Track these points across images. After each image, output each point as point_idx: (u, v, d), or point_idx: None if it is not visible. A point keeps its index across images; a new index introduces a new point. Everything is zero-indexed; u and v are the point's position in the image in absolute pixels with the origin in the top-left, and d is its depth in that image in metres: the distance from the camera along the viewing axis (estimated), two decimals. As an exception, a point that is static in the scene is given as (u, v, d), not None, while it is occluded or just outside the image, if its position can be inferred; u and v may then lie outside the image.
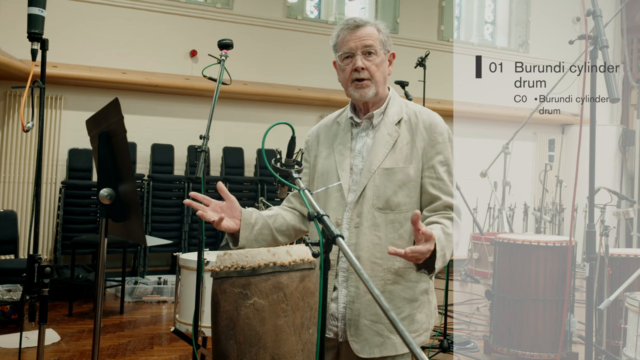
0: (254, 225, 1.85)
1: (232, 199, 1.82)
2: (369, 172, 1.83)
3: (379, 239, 1.80)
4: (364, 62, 1.84)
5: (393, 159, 1.83)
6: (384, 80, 1.90)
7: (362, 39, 1.85)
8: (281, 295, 1.63)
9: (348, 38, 1.86)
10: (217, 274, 1.68)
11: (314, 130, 2.07)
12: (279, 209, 2.02)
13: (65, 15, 6.95)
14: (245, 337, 1.61)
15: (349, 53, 1.86)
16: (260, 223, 1.87)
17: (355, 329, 1.79)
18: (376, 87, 1.86)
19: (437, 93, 8.13)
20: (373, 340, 1.78)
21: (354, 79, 1.85)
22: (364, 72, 1.84)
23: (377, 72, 1.86)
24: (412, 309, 1.84)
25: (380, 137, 1.87)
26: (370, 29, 1.87)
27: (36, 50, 2.36)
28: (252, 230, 1.84)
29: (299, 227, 1.99)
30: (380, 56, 1.86)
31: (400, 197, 1.82)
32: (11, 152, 6.74)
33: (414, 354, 1.09)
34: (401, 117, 1.88)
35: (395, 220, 1.81)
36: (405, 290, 1.82)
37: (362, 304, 1.79)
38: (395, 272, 1.81)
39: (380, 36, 1.88)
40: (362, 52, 1.84)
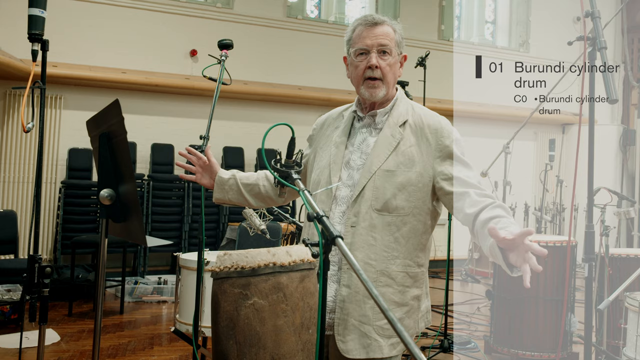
0: (227, 192, 2.12)
1: (213, 162, 2.14)
2: (369, 172, 1.82)
3: (375, 241, 1.79)
4: (379, 61, 1.83)
5: (395, 161, 1.82)
6: (394, 82, 1.89)
7: (378, 37, 1.84)
8: (281, 295, 1.63)
9: (365, 34, 1.85)
10: (217, 274, 1.68)
11: (322, 119, 2.08)
12: (260, 178, 2.14)
13: (66, 15, 6.95)
14: (245, 337, 1.61)
15: (364, 50, 1.85)
16: (234, 190, 2.12)
17: (343, 328, 1.79)
18: (387, 88, 1.86)
19: (438, 93, 8.12)
20: (360, 341, 1.78)
21: (367, 77, 1.85)
22: (377, 71, 1.83)
23: (389, 73, 1.85)
24: (402, 313, 1.83)
25: (383, 137, 1.85)
26: (387, 28, 1.86)
27: (37, 51, 2.36)
28: (224, 194, 2.13)
29: (274, 199, 2.12)
30: (394, 57, 1.86)
31: (399, 200, 1.80)
32: (11, 152, 6.75)
33: (413, 354, 1.09)
34: (406, 120, 1.87)
35: (392, 223, 1.80)
36: (396, 294, 1.81)
37: (353, 304, 1.78)
38: (387, 275, 1.80)
39: (395, 37, 1.87)
40: (378, 50, 1.83)
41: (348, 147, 1.91)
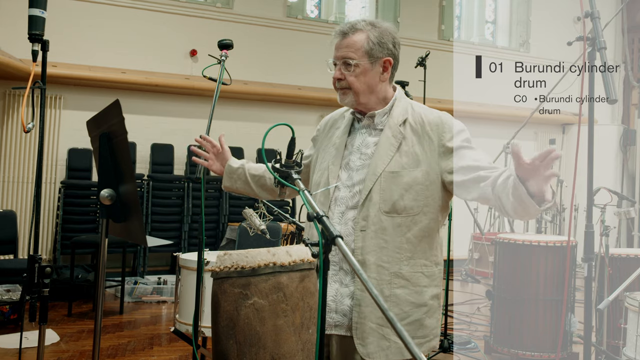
0: (236, 181, 2.18)
1: (225, 149, 2.21)
2: (374, 175, 1.82)
3: (386, 243, 1.79)
4: (343, 73, 1.87)
5: (398, 161, 1.82)
6: (369, 89, 1.88)
7: (343, 49, 1.87)
8: (281, 295, 1.63)
9: (336, 45, 1.90)
10: (217, 274, 1.68)
11: (326, 120, 2.11)
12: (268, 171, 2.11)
13: (65, 15, 6.94)
14: (245, 337, 1.61)
15: (334, 61, 1.90)
16: (242, 180, 2.17)
17: (362, 332, 1.78)
18: (356, 96, 1.88)
19: (438, 93, 8.12)
20: (379, 344, 1.78)
21: (337, 86, 1.91)
22: (342, 82, 1.88)
23: (355, 83, 1.86)
24: (421, 313, 1.83)
25: (384, 139, 1.86)
26: (357, 38, 1.86)
27: (37, 52, 2.36)
28: (233, 182, 2.18)
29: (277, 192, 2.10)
30: (362, 67, 1.86)
31: (406, 201, 1.80)
32: (11, 152, 6.74)
33: (412, 354, 1.09)
34: (406, 118, 1.88)
35: (402, 223, 1.80)
36: (413, 294, 1.81)
37: (369, 307, 1.78)
38: (402, 277, 1.80)
39: (366, 45, 1.86)
40: (342, 62, 1.87)
41: (347, 148, 1.92)
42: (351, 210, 1.85)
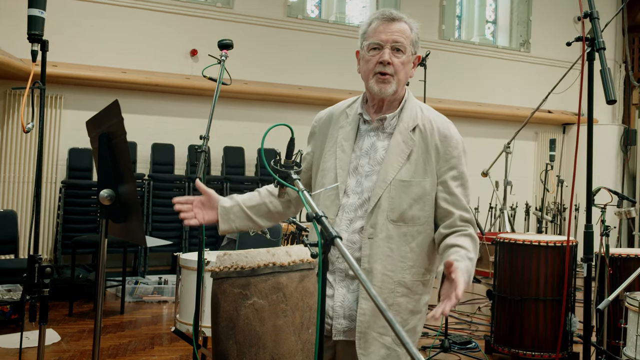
0: (234, 221, 1.95)
1: (209, 193, 1.95)
2: (384, 182, 1.79)
3: (391, 251, 1.78)
4: (391, 58, 1.78)
5: (409, 170, 1.79)
6: (405, 81, 1.84)
7: (394, 33, 1.79)
8: (281, 295, 1.64)
9: (381, 29, 1.80)
10: (217, 274, 1.68)
11: (323, 115, 2.01)
12: (265, 196, 2.01)
13: (66, 15, 6.95)
14: (245, 337, 1.61)
15: (377, 44, 1.80)
16: (240, 217, 1.96)
17: (364, 341, 1.78)
18: (397, 86, 1.81)
19: (438, 93, 8.13)
20: (379, 353, 1.77)
21: (377, 71, 1.79)
22: (389, 67, 1.78)
23: (401, 71, 1.80)
24: (416, 320, 1.84)
25: (395, 144, 1.81)
26: (404, 26, 1.83)
27: (36, 52, 2.36)
28: (230, 223, 1.95)
29: (284, 212, 2.04)
30: (407, 56, 1.81)
31: (414, 211, 1.79)
32: (11, 152, 6.75)
33: (411, 354, 1.09)
34: (416, 124, 1.83)
35: (407, 233, 1.79)
36: (411, 302, 1.82)
37: (374, 317, 1.77)
38: (404, 285, 1.80)
39: (412, 35, 1.83)
40: (392, 47, 1.79)
41: (355, 151, 1.86)
42: (359, 218, 1.81)
